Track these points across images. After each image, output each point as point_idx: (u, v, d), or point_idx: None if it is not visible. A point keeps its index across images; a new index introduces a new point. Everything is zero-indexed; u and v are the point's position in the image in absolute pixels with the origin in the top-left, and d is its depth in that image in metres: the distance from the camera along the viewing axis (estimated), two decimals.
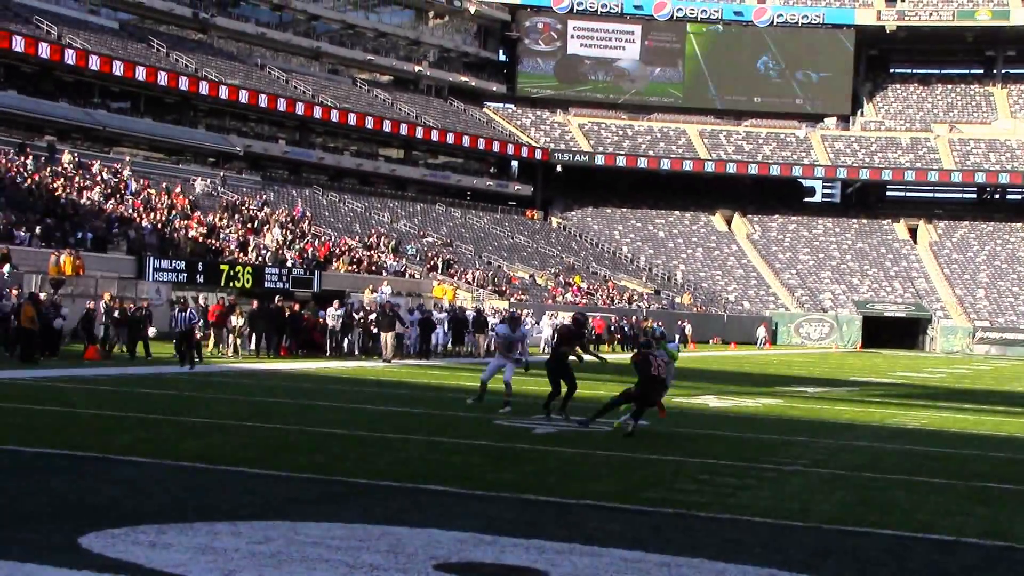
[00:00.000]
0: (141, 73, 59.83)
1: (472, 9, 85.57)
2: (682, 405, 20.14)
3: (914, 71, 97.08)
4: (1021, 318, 73.63)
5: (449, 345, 37.86)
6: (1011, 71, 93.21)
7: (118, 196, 45.51)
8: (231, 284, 40.18)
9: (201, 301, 33.48)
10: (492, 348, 37.15)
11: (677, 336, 52.98)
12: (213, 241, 45.01)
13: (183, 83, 62.61)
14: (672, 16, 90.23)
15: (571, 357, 17.36)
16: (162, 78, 61.15)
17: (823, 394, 26.14)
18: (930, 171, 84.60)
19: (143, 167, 53.67)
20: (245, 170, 64.70)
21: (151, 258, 38.51)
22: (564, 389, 16.88)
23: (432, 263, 57.59)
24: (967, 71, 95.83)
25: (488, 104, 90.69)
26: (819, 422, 18.78)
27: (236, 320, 31.37)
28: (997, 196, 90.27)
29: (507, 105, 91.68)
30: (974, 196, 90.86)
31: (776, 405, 21.93)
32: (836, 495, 10.72)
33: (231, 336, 31.34)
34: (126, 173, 49.24)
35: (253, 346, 31.99)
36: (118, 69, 58.88)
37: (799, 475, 11.97)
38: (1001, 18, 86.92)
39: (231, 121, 68.02)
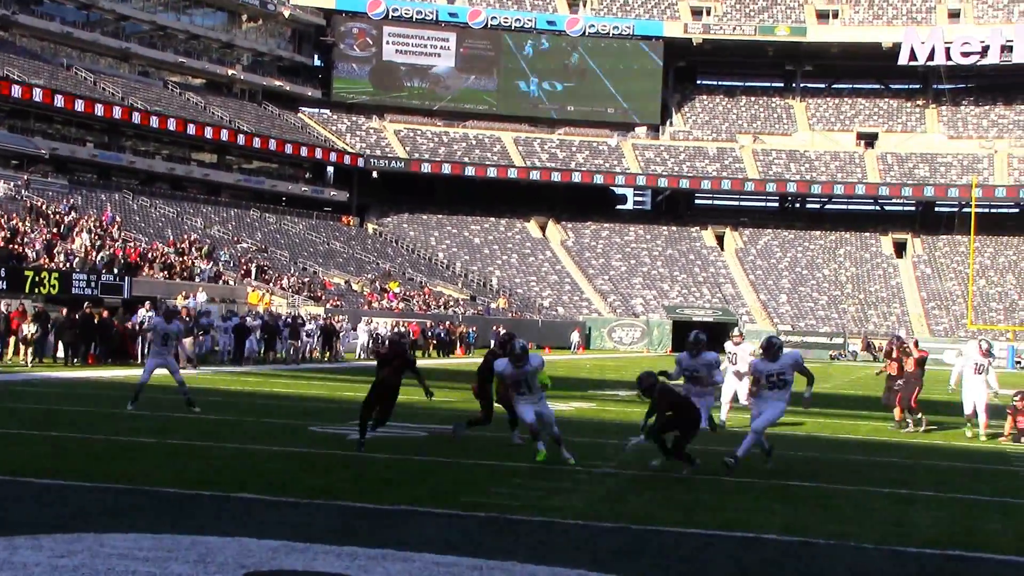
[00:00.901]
0: None
1: (286, 13, 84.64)
2: (498, 410, 20.31)
3: (720, 83, 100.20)
4: (820, 322, 76.70)
5: (262, 351, 37.33)
6: (808, 85, 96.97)
7: None
8: (36, 290, 38.73)
9: (3, 307, 32.27)
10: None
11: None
12: (16, 246, 43.36)
13: None
14: (487, 24, 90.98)
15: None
16: None
17: (635, 397, 26.63)
18: (725, 180, 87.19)
19: None
20: (51, 173, 62.51)
21: None
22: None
23: (246, 269, 56.71)
24: (769, 84, 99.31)
25: (303, 109, 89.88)
26: (630, 425, 19.17)
27: (27, 327, 30.22)
28: (798, 205, 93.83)
29: (322, 110, 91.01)
30: (776, 205, 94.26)
31: (589, 408, 22.33)
32: (645, 496, 11.01)
33: (21, 345, 30.22)
34: None
35: (62, 353, 31.07)
36: None
37: (610, 477, 12.23)
38: (799, 34, 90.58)
39: (35, 123, 65.61)
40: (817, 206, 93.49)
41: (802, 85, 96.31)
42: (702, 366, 14.71)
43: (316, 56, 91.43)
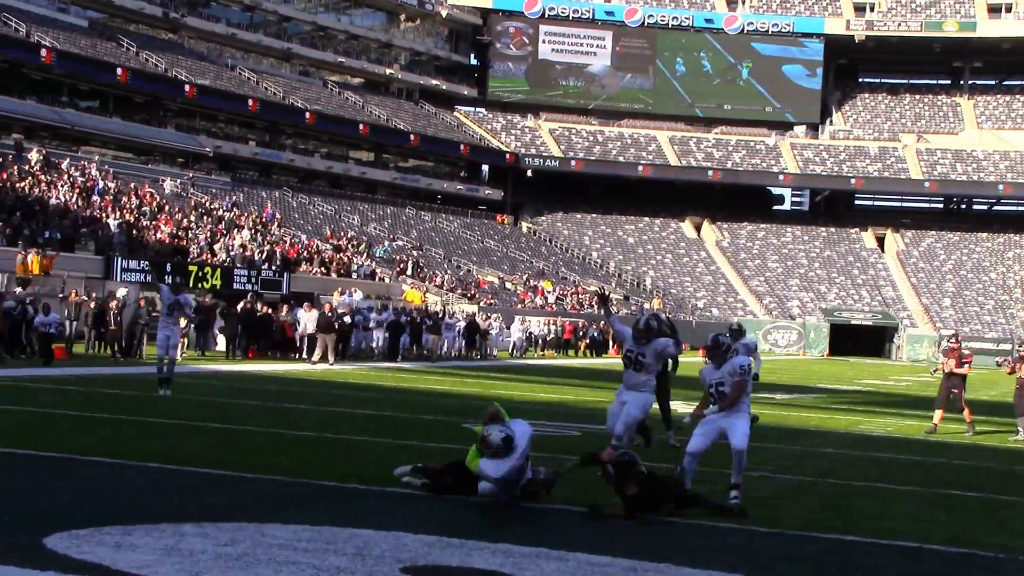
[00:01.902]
0: (110, 72, 59.57)
1: (443, 13, 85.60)
2: (651, 411, 20.16)
3: (882, 81, 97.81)
4: (986, 327, 74.21)
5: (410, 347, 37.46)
6: (978, 82, 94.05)
7: (86, 195, 45.23)
8: (200, 285, 39.99)
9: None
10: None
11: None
12: (181, 241, 44.78)
13: (152, 82, 62.40)
14: (643, 23, 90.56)
15: None
16: (131, 77, 60.88)
17: (790, 401, 26.27)
18: (887, 180, 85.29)
19: (112, 166, 53.44)
20: (214, 171, 64.46)
21: (119, 258, 38.29)
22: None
23: (402, 266, 57.51)
24: (935, 81, 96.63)
25: (459, 108, 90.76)
26: (786, 428, 18.86)
27: None
28: (963, 206, 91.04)
29: (478, 109, 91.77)
30: (941, 206, 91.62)
31: None
32: (802, 501, 10.77)
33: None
34: (94, 172, 48.95)
35: (222, 347, 31.89)
36: (87, 68, 58.58)
37: (766, 481, 12.00)
38: (968, 29, 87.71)
39: (201, 121, 67.79)
40: (985, 207, 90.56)
41: (970, 82, 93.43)
42: (650, 352, 11.96)
43: (472, 55, 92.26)
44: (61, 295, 30.39)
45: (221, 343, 32.30)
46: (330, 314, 31.95)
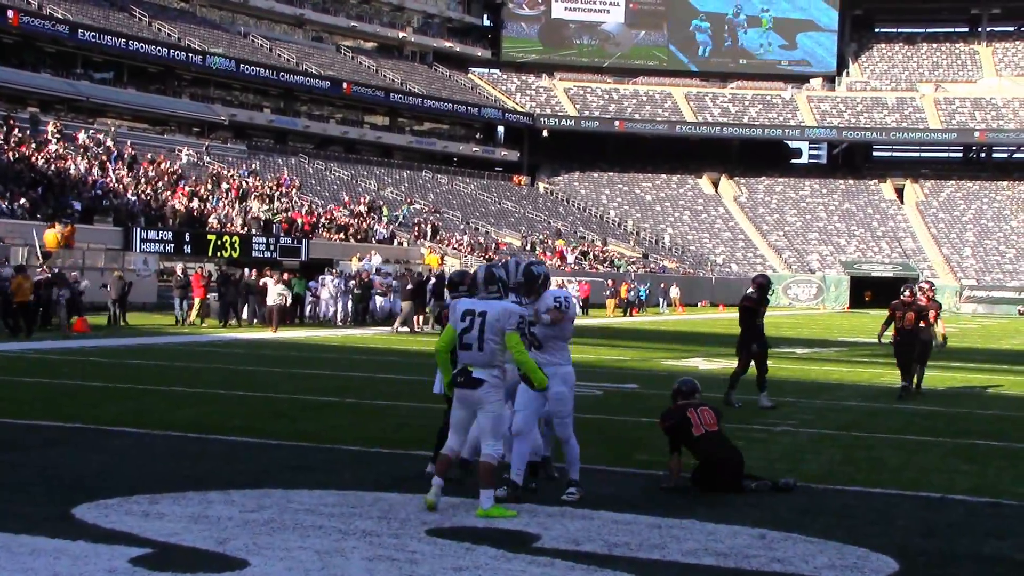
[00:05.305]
0: (124, 43, 59.49)
1: None
2: (672, 368, 20.23)
3: (899, 31, 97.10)
4: (1008, 276, 73.92)
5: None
6: (996, 29, 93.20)
7: (103, 167, 45.30)
8: (219, 254, 40.09)
9: (181, 271, 33.32)
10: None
11: None
12: (199, 210, 44.84)
13: (166, 52, 62.30)
14: None
15: None
16: (145, 47, 60.79)
17: (812, 355, 26.24)
18: (915, 131, 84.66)
19: (128, 137, 53.40)
20: (230, 139, 64.44)
21: (138, 229, 38.40)
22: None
23: (420, 230, 57.51)
24: (952, 30, 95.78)
25: (473, 70, 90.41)
26: (808, 382, 18.88)
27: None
28: (983, 155, 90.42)
29: (492, 70, 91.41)
30: (960, 155, 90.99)
31: None
32: (825, 454, 10.78)
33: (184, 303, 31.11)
34: (111, 144, 49.00)
35: (245, 316, 31.89)
36: (100, 39, 58.51)
37: (788, 435, 12.03)
38: None
39: (215, 90, 67.72)
40: (1005, 155, 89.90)
41: (989, 29, 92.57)
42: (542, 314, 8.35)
43: (485, 16, 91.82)
44: (74, 270, 30.48)
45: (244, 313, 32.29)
46: (425, 280, 31.43)
